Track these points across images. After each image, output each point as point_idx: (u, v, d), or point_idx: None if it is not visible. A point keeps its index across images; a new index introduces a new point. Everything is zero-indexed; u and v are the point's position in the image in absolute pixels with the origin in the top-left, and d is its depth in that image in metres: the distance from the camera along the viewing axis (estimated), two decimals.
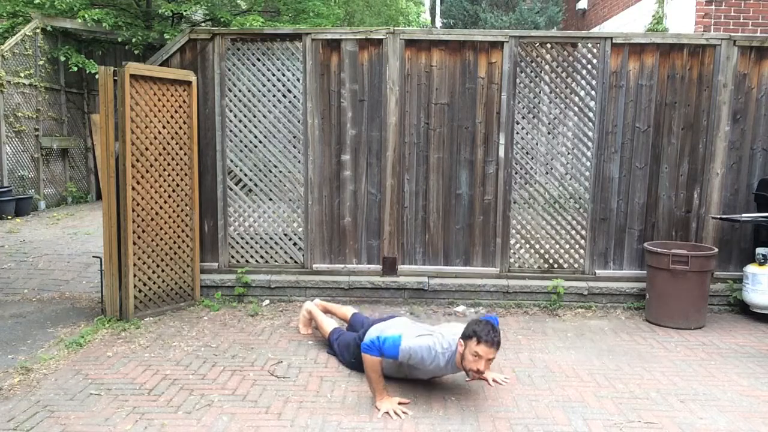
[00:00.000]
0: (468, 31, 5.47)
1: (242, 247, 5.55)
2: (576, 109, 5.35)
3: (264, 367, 4.04)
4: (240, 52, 5.35)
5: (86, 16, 10.50)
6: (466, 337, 3.40)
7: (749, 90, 5.27)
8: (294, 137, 5.42)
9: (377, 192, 5.45)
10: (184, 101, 5.18)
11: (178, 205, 5.19)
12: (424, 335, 3.57)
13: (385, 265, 5.48)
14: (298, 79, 5.35)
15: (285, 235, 5.56)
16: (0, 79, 9.54)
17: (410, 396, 3.60)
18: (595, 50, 5.25)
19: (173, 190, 5.15)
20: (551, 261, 5.49)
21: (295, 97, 5.38)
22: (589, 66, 5.28)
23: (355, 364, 3.92)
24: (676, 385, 3.82)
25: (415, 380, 3.76)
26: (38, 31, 10.61)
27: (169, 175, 5.10)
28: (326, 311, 4.63)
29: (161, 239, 5.07)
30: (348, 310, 4.54)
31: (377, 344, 3.46)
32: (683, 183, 5.39)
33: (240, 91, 5.37)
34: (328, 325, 4.39)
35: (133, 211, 4.82)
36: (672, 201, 5.41)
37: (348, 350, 4.04)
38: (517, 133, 5.37)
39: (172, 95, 5.07)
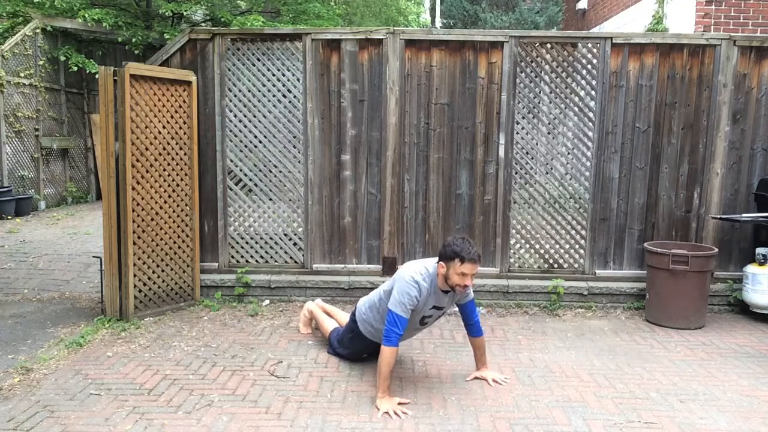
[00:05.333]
0: (468, 31, 5.47)
1: (242, 247, 5.55)
2: (576, 109, 5.35)
3: (264, 367, 4.04)
4: (240, 52, 5.35)
5: (86, 15, 10.50)
6: (447, 258, 3.51)
7: (749, 90, 5.27)
8: (294, 137, 5.42)
9: (377, 192, 5.45)
10: (184, 101, 5.18)
11: (178, 205, 5.19)
12: (397, 275, 3.68)
13: (385, 265, 5.48)
14: (298, 79, 5.36)
15: (285, 235, 5.56)
16: (0, 79, 9.54)
17: (410, 396, 3.60)
18: (595, 50, 5.25)
19: (173, 190, 5.15)
20: (551, 261, 5.49)
21: (295, 97, 5.38)
22: (589, 66, 5.28)
23: (351, 339, 4.04)
24: (676, 385, 3.82)
25: (416, 375, 3.76)
26: (38, 31, 10.60)
27: (169, 175, 5.10)
28: (327, 314, 4.61)
29: (161, 239, 5.07)
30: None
31: (390, 331, 3.50)
32: (683, 183, 5.39)
33: (240, 91, 5.38)
34: (329, 324, 4.39)
35: (133, 211, 4.82)
36: (672, 201, 5.41)
37: (346, 329, 4.13)
38: (517, 133, 5.37)
39: (172, 95, 5.07)
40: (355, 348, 4.06)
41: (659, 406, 3.53)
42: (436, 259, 3.64)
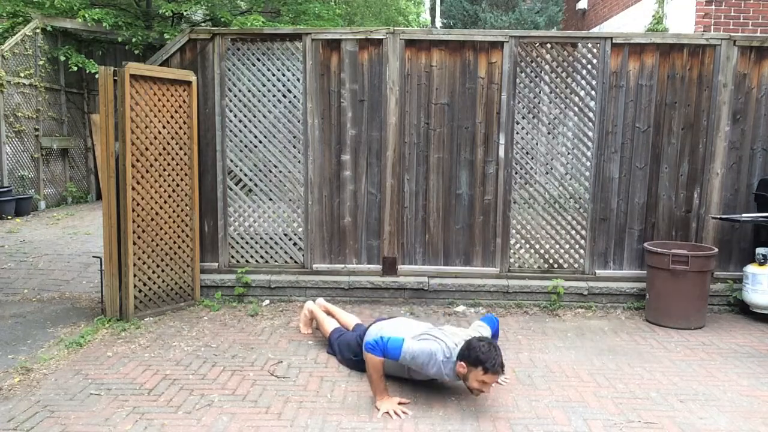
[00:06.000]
0: (468, 31, 5.47)
1: (242, 247, 5.55)
2: (576, 109, 5.35)
3: (264, 367, 4.04)
4: (240, 52, 5.35)
5: (86, 15, 10.51)
6: (469, 362, 3.32)
7: (749, 90, 5.27)
8: (294, 137, 5.42)
9: (377, 192, 5.45)
10: (184, 101, 5.18)
11: (178, 205, 5.19)
12: (427, 339, 3.53)
13: (385, 265, 5.48)
14: (298, 79, 5.35)
15: (285, 235, 5.56)
16: (0, 79, 9.54)
17: (410, 396, 3.60)
18: (595, 50, 5.25)
19: (173, 190, 5.15)
20: (551, 261, 5.49)
21: (295, 97, 5.38)
22: (589, 66, 5.28)
23: (355, 363, 3.94)
24: (676, 385, 3.82)
25: (415, 381, 3.76)
26: (38, 31, 10.61)
27: (169, 175, 5.10)
28: (328, 313, 4.59)
29: (161, 239, 5.07)
30: (352, 320, 4.41)
31: (381, 344, 3.45)
32: (683, 183, 5.39)
33: (240, 91, 5.37)
34: (330, 324, 4.39)
35: (133, 211, 4.82)
36: (672, 201, 5.41)
37: (349, 348, 4.04)
38: (517, 133, 5.37)
39: (172, 95, 5.07)
40: (356, 369, 3.98)
41: (659, 406, 3.53)
42: (465, 340, 3.47)
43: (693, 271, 4.83)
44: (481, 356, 3.28)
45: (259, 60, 5.35)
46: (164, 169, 5.05)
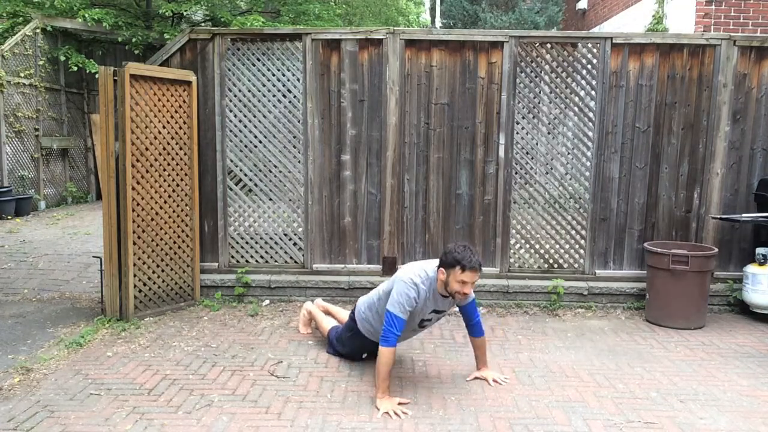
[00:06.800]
0: (468, 31, 5.47)
1: (242, 247, 5.55)
2: (576, 109, 5.35)
3: (264, 367, 4.04)
4: (240, 52, 5.35)
5: (86, 15, 10.52)
6: (447, 265, 3.50)
7: (749, 90, 5.27)
8: (294, 137, 5.42)
9: (377, 192, 5.45)
10: (184, 101, 5.18)
11: (178, 205, 5.19)
12: (397, 276, 3.66)
13: (385, 265, 5.48)
14: (298, 79, 5.36)
15: (285, 235, 5.57)
16: (0, 79, 9.54)
17: (410, 396, 3.60)
18: (595, 50, 5.25)
19: (173, 190, 5.15)
20: (551, 261, 5.49)
21: (295, 97, 5.38)
22: (589, 66, 5.28)
23: (350, 338, 4.05)
24: (676, 385, 3.82)
25: (415, 377, 3.76)
26: (38, 31, 10.61)
27: (169, 175, 5.10)
28: (327, 313, 4.62)
29: (161, 239, 5.07)
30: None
31: (390, 331, 3.50)
32: (683, 183, 5.39)
33: (240, 91, 5.38)
34: (327, 323, 4.40)
35: (133, 211, 4.82)
36: (672, 201, 5.41)
37: (344, 328, 4.14)
38: (517, 133, 5.37)
39: (172, 95, 5.07)
40: (354, 346, 4.07)
41: (659, 406, 3.53)
42: (437, 262, 3.62)
43: (693, 271, 4.83)
44: (457, 256, 3.46)
45: (259, 60, 5.35)
46: (164, 169, 5.05)
